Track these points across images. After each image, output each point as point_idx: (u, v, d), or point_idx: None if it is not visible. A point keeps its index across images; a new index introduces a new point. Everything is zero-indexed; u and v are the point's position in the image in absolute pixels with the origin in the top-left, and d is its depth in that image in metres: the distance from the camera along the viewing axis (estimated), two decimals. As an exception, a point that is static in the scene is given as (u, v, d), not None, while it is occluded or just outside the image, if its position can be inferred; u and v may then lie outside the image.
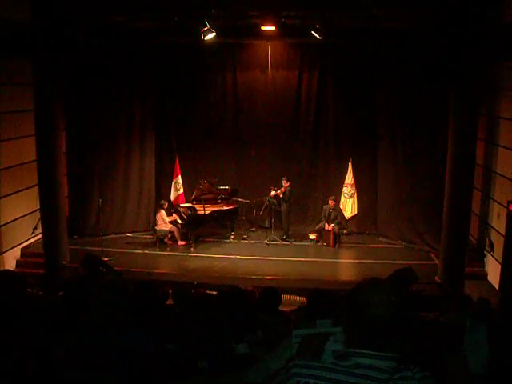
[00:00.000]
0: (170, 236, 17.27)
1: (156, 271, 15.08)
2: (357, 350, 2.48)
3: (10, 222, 15.20)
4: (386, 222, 17.79)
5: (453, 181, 13.82)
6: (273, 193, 17.33)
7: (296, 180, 17.94)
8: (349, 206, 17.87)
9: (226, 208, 17.79)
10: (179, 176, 18.18)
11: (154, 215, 17.55)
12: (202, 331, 4.09)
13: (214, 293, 8.20)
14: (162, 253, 16.79)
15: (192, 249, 16.78)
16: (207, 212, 17.22)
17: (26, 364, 3.61)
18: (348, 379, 2.43)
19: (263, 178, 18.33)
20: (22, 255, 15.82)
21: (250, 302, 6.65)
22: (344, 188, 17.85)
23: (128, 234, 18.11)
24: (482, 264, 15.08)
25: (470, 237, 15.16)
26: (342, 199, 17.89)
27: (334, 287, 12.31)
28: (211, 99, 18.65)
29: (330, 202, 17.23)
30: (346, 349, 2.53)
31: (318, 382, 2.46)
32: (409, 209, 16.93)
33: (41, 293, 9.00)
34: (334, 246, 17.10)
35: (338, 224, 17.13)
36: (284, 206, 17.51)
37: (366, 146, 17.97)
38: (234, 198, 17.94)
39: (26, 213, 15.77)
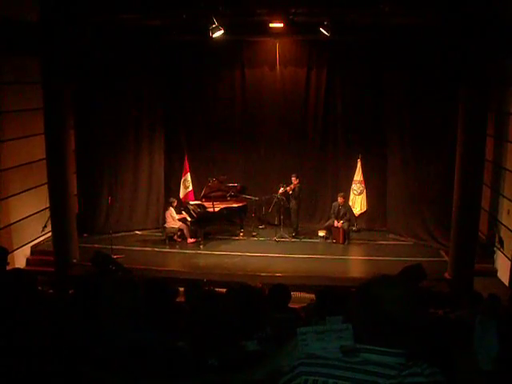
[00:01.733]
0: (179, 233, 17.29)
1: (165, 269, 15.10)
2: (365, 347, 2.49)
3: (20, 220, 15.25)
4: (396, 219, 17.77)
5: (462, 177, 13.79)
6: (282, 189, 17.32)
7: (305, 177, 17.90)
8: (358, 203, 17.87)
9: (235, 205, 17.79)
10: (188, 173, 18.20)
11: (163, 213, 17.58)
12: (212, 329, 4.10)
13: (224, 290, 8.22)
14: (172, 250, 16.83)
15: (201, 246, 16.80)
16: (216, 209, 17.22)
17: (36, 362, 3.63)
18: (356, 376, 2.43)
19: (272, 175, 18.32)
20: (31, 253, 15.87)
21: (259, 299, 6.66)
22: (353, 185, 17.84)
23: (137, 232, 18.15)
24: (492, 261, 15.05)
25: (480, 233, 15.11)
26: (351, 196, 17.88)
27: (344, 284, 12.31)
28: (220, 97, 18.67)
29: (339, 199, 17.20)
30: (354, 345, 2.54)
31: (326, 379, 2.47)
32: (418, 205, 16.89)
33: (51, 291, 9.04)
34: (343, 243, 17.09)
35: (347, 221, 17.11)
36: (293, 203, 17.49)
37: (375, 143, 17.93)
38: (243, 196, 17.93)
39: (36, 211, 15.83)
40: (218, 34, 14.54)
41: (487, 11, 12.67)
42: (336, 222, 17.10)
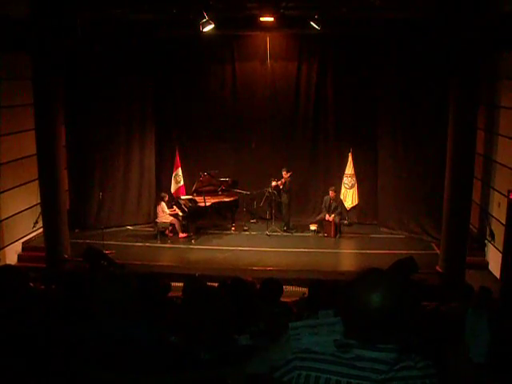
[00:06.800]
0: (170, 228, 17.30)
1: (157, 264, 15.09)
2: (358, 342, 2.49)
3: (11, 216, 15.22)
4: (387, 212, 17.79)
5: (453, 170, 13.83)
6: (273, 183, 17.32)
7: (296, 171, 17.88)
8: (349, 197, 17.88)
9: (226, 200, 17.79)
10: (179, 168, 18.20)
11: (155, 208, 17.56)
12: (204, 323, 4.10)
13: (216, 284, 8.22)
14: (163, 245, 16.81)
15: (193, 241, 16.81)
16: (208, 204, 17.21)
17: (29, 358, 3.63)
18: (349, 371, 2.44)
19: (263, 169, 18.29)
20: (23, 249, 15.85)
21: (251, 294, 6.67)
22: (344, 178, 17.86)
23: (129, 227, 18.12)
24: (483, 253, 15.12)
25: (471, 226, 15.18)
26: (343, 190, 17.90)
27: (335, 277, 12.33)
28: (211, 91, 18.62)
29: (331, 193, 17.23)
30: (346, 340, 2.54)
31: (319, 374, 2.48)
32: (409, 199, 16.91)
33: (42, 286, 9.02)
34: (334, 237, 17.12)
35: (338, 215, 17.13)
36: (284, 197, 17.50)
37: (366, 137, 17.97)
38: (235, 190, 17.94)
39: (27, 207, 15.78)
40: (209, 28, 14.49)
41: (478, 4, 12.69)
42: (327, 215, 17.13)
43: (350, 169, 17.76)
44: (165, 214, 17.15)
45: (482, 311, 6.29)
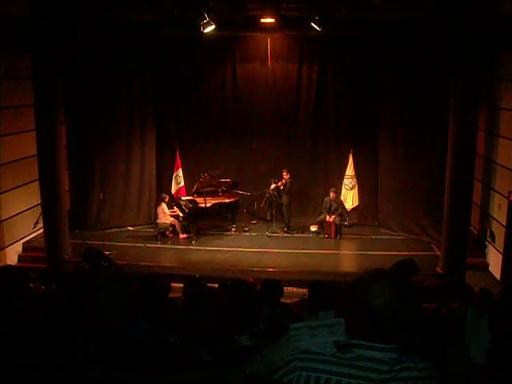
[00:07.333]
0: (171, 229, 17.29)
1: (158, 264, 15.08)
2: (358, 342, 2.49)
3: (12, 216, 15.21)
4: (387, 214, 17.78)
5: (454, 171, 13.82)
6: (272, 186, 17.31)
7: (297, 172, 17.91)
8: (350, 198, 17.87)
9: (227, 201, 17.79)
10: (180, 169, 18.19)
11: (155, 208, 17.54)
12: (205, 323, 4.10)
13: (216, 285, 8.22)
14: (164, 246, 16.80)
15: (193, 242, 16.79)
16: (208, 205, 17.21)
17: (29, 359, 3.63)
18: (350, 371, 2.43)
19: (264, 170, 18.32)
20: (23, 250, 15.84)
21: (252, 295, 6.66)
22: (345, 180, 17.84)
23: (129, 228, 18.11)
24: (484, 255, 15.11)
25: (472, 227, 15.17)
26: (343, 191, 17.88)
27: (336, 278, 12.33)
28: (211, 92, 18.62)
29: (331, 194, 17.22)
30: (347, 340, 2.54)
31: (319, 375, 2.47)
32: (410, 200, 16.91)
33: (43, 287, 9.01)
34: (335, 238, 17.11)
35: (339, 216, 17.13)
36: (285, 198, 17.49)
37: (367, 138, 17.96)
38: (235, 191, 17.92)
39: (28, 207, 15.78)
40: (210, 29, 14.50)
41: (478, 4, 12.69)
42: (328, 216, 17.12)
43: (350, 170, 17.74)
44: (165, 214, 17.14)
45: (482, 313, 6.27)
